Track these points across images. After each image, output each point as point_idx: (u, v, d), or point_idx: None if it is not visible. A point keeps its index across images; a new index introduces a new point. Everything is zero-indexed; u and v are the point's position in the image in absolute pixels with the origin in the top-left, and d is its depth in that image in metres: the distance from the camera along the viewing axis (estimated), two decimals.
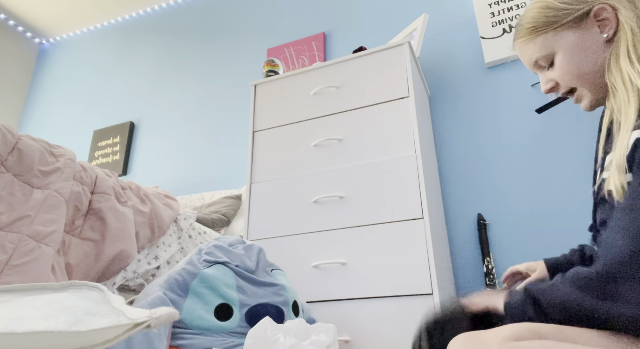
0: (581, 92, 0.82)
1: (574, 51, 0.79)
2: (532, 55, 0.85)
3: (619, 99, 0.70)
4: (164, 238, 1.48)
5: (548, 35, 0.81)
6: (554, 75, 0.83)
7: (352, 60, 1.86)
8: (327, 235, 1.61)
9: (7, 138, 1.07)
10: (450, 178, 1.99)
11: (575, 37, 0.79)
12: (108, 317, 0.37)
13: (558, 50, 0.81)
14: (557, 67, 0.82)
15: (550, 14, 0.81)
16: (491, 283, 1.69)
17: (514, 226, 1.80)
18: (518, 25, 0.88)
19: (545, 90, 0.86)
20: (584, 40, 0.78)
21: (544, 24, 0.82)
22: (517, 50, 0.89)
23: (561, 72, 0.82)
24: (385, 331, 1.41)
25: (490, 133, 1.99)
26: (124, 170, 2.91)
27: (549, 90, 0.86)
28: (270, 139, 1.89)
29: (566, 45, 0.80)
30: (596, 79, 0.78)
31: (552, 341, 0.54)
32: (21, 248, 0.99)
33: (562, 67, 0.81)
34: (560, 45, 0.80)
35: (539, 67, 0.86)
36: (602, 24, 0.77)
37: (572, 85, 0.82)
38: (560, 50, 0.80)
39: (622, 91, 0.69)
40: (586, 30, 0.78)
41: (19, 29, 3.62)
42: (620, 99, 0.69)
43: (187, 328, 1.05)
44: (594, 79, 0.79)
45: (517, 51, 0.89)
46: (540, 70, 0.87)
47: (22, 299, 0.41)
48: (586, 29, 0.78)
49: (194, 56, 3.08)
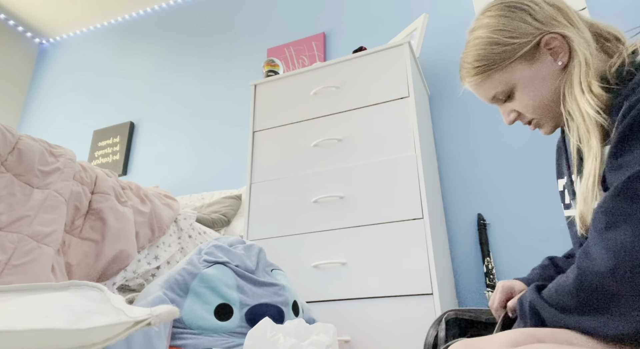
0: (542, 121, 0.81)
1: (532, 83, 0.77)
2: (487, 91, 0.82)
3: (579, 129, 0.69)
4: (164, 238, 1.48)
5: (502, 72, 0.79)
6: (515, 106, 0.81)
7: (352, 60, 1.86)
8: (327, 235, 1.61)
9: (7, 138, 1.07)
10: (450, 178, 1.99)
11: (530, 70, 0.77)
12: (108, 315, 0.37)
13: (516, 84, 0.78)
14: (517, 100, 0.80)
15: (497, 50, 0.78)
16: (491, 283, 1.69)
17: (514, 226, 1.80)
18: (464, 63, 0.84)
19: (510, 121, 0.84)
20: (540, 70, 0.76)
21: (494, 62, 0.78)
22: (471, 86, 0.85)
23: (522, 104, 0.80)
24: (385, 331, 1.41)
25: (490, 133, 1.99)
26: (124, 170, 2.91)
27: (513, 121, 0.84)
28: (270, 139, 1.89)
29: (523, 79, 0.77)
30: (557, 107, 0.77)
31: (551, 344, 0.54)
32: (21, 248, 0.99)
33: (523, 101, 0.79)
34: (517, 79, 0.78)
35: (497, 100, 0.83)
36: (554, 53, 0.75)
37: (534, 116, 0.81)
38: (518, 84, 0.78)
39: (580, 121, 0.69)
40: (540, 61, 0.76)
41: (19, 29, 3.63)
42: (581, 130, 0.68)
43: (187, 328, 1.05)
44: (556, 107, 0.77)
45: (471, 87, 0.85)
46: (498, 104, 0.84)
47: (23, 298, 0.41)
48: (540, 59, 0.76)
49: (194, 56, 3.08)
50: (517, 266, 1.74)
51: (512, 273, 1.74)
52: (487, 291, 1.69)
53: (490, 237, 1.82)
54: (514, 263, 1.75)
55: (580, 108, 0.69)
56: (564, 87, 0.74)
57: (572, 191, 0.80)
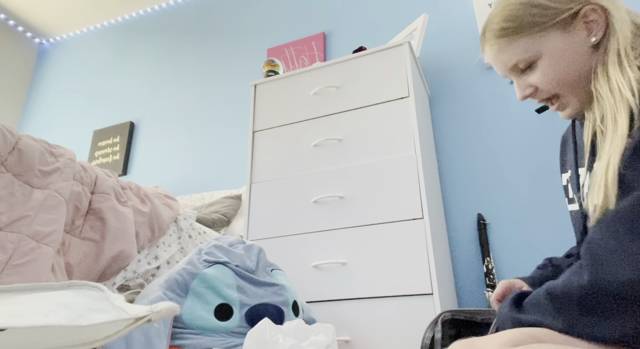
0: (566, 99, 0.75)
1: (561, 56, 0.72)
2: (510, 58, 0.76)
3: (606, 108, 0.64)
4: (164, 238, 1.48)
5: (532, 38, 0.73)
6: (535, 80, 0.75)
7: (352, 60, 1.86)
8: (327, 235, 1.61)
9: (7, 138, 1.07)
10: (450, 178, 1.99)
11: (562, 41, 0.71)
12: (109, 313, 0.37)
13: (543, 54, 0.73)
14: (540, 72, 0.74)
15: (535, 12, 0.72)
16: (491, 283, 1.69)
17: (514, 226, 1.80)
18: (490, 24, 0.77)
19: (524, 96, 0.77)
20: (572, 43, 0.71)
21: (528, 24, 0.73)
22: (491, 51, 0.78)
23: (545, 78, 0.73)
24: (385, 331, 1.41)
25: (491, 133, 1.99)
26: (124, 170, 2.91)
27: (527, 97, 0.77)
28: (270, 139, 1.89)
29: (553, 49, 0.72)
30: (583, 86, 0.72)
31: (551, 345, 0.54)
32: (21, 248, 0.99)
33: (547, 73, 0.73)
34: (546, 49, 0.72)
35: (517, 70, 0.77)
36: (589, 27, 0.71)
37: (556, 92, 0.75)
38: (546, 54, 0.72)
39: (610, 100, 0.64)
40: (574, 33, 0.71)
41: (19, 29, 3.63)
42: (608, 108, 0.63)
43: (187, 328, 1.05)
44: (581, 86, 0.72)
45: (491, 52, 0.79)
46: (516, 75, 0.78)
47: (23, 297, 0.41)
48: (574, 31, 0.71)
49: (194, 56, 3.08)
50: (517, 266, 1.74)
51: (512, 273, 1.74)
52: (487, 291, 1.69)
53: (490, 237, 1.82)
54: (514, 263, 1.75)
55: (611, 86, 0.64)
56: (595, 65, 0.69)
57: (576, 185, 0.78)
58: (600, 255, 0.54)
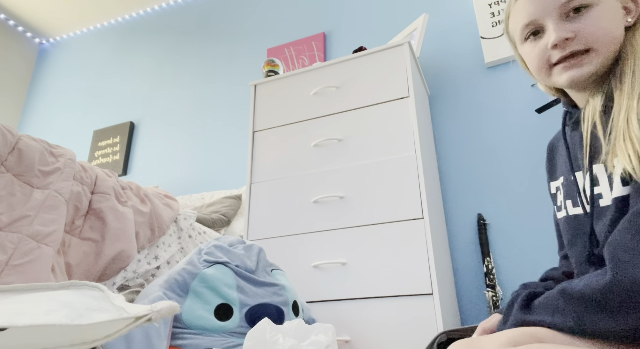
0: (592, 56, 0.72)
1: (615, 14, 0.72)
2: None
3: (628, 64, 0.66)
4: (164, 238, 1.48)
5: None
6: (580, 26, 0.72)
7: (352, 60, 1.87)
8: (327, 235, 1.61)
9: (7, 138, 1.07)
10: (450, 178, 1.99)
11: (616, 2, 0.73)
12: (109, 312, 0.37)
13: (601, 3, 0.71)
14: (590, 19, 0.71)
15: None
16: (491, 283, 1.69)
17: (514, 226, 1.80)
18: None
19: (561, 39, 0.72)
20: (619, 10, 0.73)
21: None
22: None
23: (593, 27, 0.71)
24: (385, 331, 1.41)
25: (491, 133, 1.99)
26: (124, 170, 2.91)
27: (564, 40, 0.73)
28: (270, 139, 1.89)
29: (609, 3, 0.72)
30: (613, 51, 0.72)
31: (551, 345, 0.54)
32: (21, 248, 0.99)
33: (596, 24, 0.71)
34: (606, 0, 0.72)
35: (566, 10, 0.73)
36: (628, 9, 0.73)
37: (591, 46, 0.72)
38: (604, 4, 0.71)
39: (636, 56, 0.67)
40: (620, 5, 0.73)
41: (19, 29, 3.63)
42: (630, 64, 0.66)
43: (187, 327, 1.05)
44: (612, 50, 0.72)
45: None
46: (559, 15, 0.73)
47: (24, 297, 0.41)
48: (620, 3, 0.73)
49: (194, 56, 3.08)
50: (517, 266, 1.74)
51: (512, 273, 1.74)
52: (487, 291, 1.69)
53: (490, 237, 1.82)
54: (514, 263, 1.75)
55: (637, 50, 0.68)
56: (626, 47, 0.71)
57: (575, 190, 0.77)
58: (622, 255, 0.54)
